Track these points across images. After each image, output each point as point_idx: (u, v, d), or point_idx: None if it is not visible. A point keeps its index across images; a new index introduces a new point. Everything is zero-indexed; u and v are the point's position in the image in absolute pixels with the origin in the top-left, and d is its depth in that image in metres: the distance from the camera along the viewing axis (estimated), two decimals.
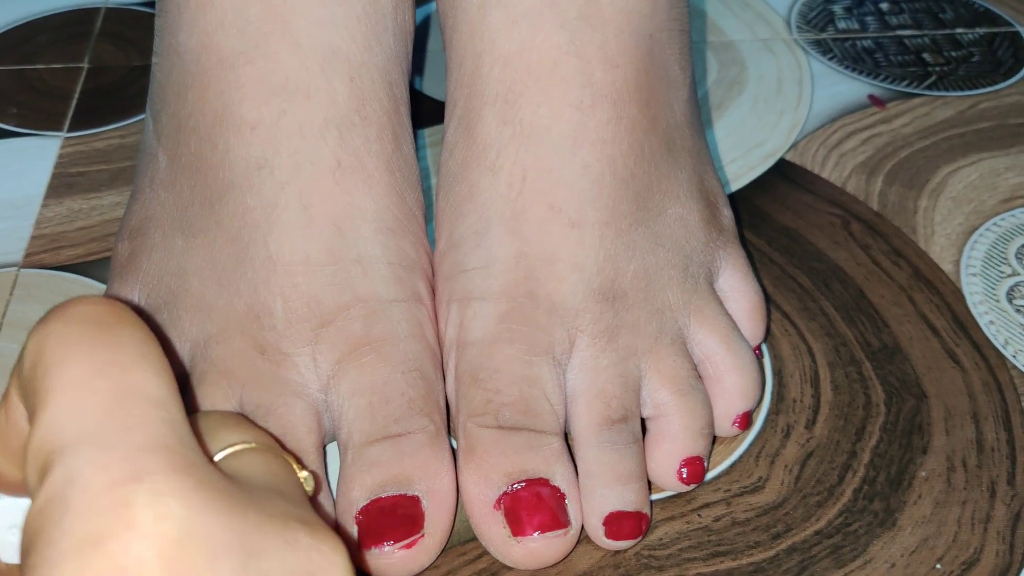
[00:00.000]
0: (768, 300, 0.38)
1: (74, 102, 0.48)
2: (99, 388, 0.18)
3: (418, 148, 0.44)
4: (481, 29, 0.32)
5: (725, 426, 0.32)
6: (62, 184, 0.43)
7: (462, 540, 0.31)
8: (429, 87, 0.49)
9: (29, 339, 0.19)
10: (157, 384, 0.18)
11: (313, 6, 0.31)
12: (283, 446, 0.27)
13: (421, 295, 0.32)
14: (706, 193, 0.34)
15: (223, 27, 0.31)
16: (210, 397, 0.30)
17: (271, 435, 0.25)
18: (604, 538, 0.29)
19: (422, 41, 0.51)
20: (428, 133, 0.46)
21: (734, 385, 0.32)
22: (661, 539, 0.31)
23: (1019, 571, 0.30)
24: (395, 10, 0.33)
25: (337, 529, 0.29)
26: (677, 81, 0.33)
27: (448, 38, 0.34)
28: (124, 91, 0.48)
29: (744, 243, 0.41)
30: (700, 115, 0.36)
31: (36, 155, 0.45)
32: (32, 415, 0.18)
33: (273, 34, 0.31)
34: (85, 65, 0.50)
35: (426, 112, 0.47)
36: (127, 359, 0.18)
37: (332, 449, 0.32)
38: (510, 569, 0.30)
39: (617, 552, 0.30)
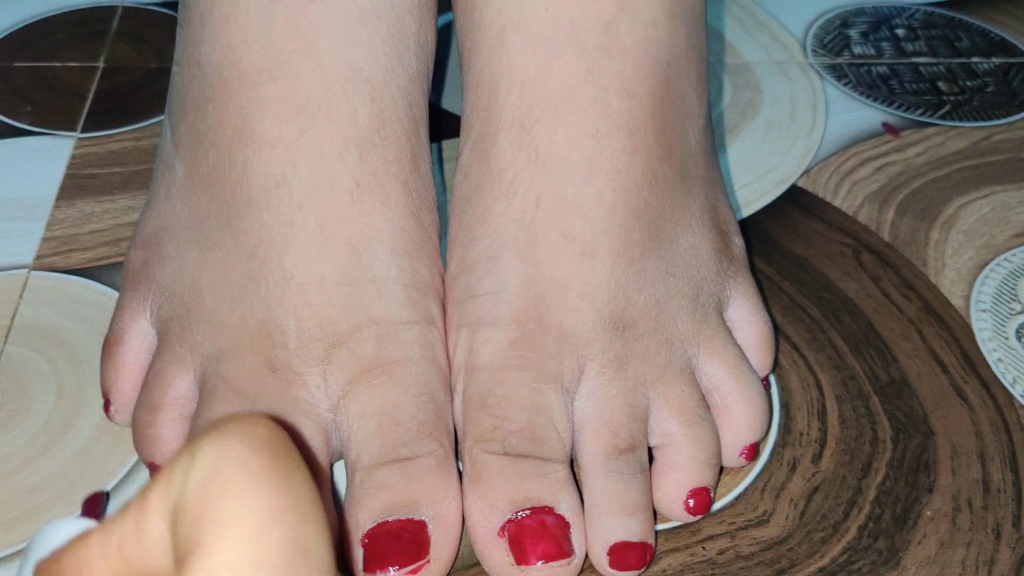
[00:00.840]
0: (777, 330, 0.38)
1: (89, 102, 0.48)
2: (275, 540, 0.16)
3: (433, 163, 0.44)
4: (499, 53, 0.32)
5: (732, 457, 0.32)
6: (75, 185, 0.43)
7: (466, 565, 0.31)
8: (447, 101, 0.49)
9: (197, 454, 0.17)
10: (324, 545, 0.16)
11: (337, 26, 0.31)
12: None
13: (434, 318, 0.32)
14: (718, 222, 0.34)
15: (246, 43, 0.31)
16: (220, 413, 0.30)
17: None
18: (608, 568, 0.29)
19: (442, 55, 0.51)
20: (445, 147, 0.46)
21: (742, 416, 0.32)
22: (665, 570, 0.31)
23: None
24: (418, 31, 0.33)
25: (343, 552, 0.29)
26: (693, 109, 0.33)
27: (466, 60, 0.34)
28: (140, 92, 0.48)
29: (754, 271, 0.41)
30: (715, 142, 0.36)
31: (49, 155, 0.45)
32: (191, 547, 0.16)
33: (296, 52, 0.31)
34: (101, 64, 0.50)
35: (444, 126, 0.47)
36: (303, 507, 0.16)
37: (339, 468, 0.32)
38: None
39: None
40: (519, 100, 0.31)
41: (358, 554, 0.29)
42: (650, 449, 0.32)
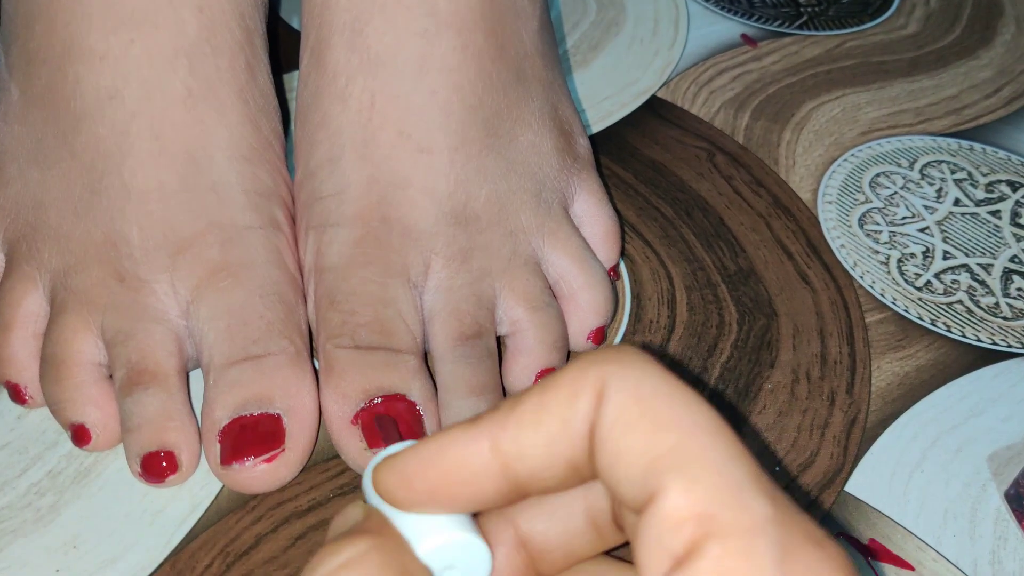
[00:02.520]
0: (626, 226, 0.40)
1: None
2: (739, 452, 0.16)
3: (291, 91, 0.45)
4: None
5: (580, 341, 0.34)
6: None
7: (325, 457, 0.32)
8: None
9: (609, 383, 0.17)
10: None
11: None
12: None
13: (279, 222, 0.33)
14: (560, 122, 0.35)
15: None
16: (71, 325, 0.31)
17: None
18: None
19: None
20: None
21: (587, 302, 0.33)
22: None
23: (851, 471, 0.33)
24: None
25: (202, 449, 0.30)
26: (526, 11, 0.34)
27: None
28: None
29: (610, 175, 0.42)
30: (555, 47, 0.37)
31: None
32: (651, 472, 0.16)
33: None
34: None
35: None
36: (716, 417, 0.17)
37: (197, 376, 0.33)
38: None
39: None
40: (349, 3, 0.32)
41: (215, 450, 0.30)
42: (502, 339, 0.33)
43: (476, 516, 0.20)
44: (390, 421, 0.30)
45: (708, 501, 0.15)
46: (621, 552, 0.21)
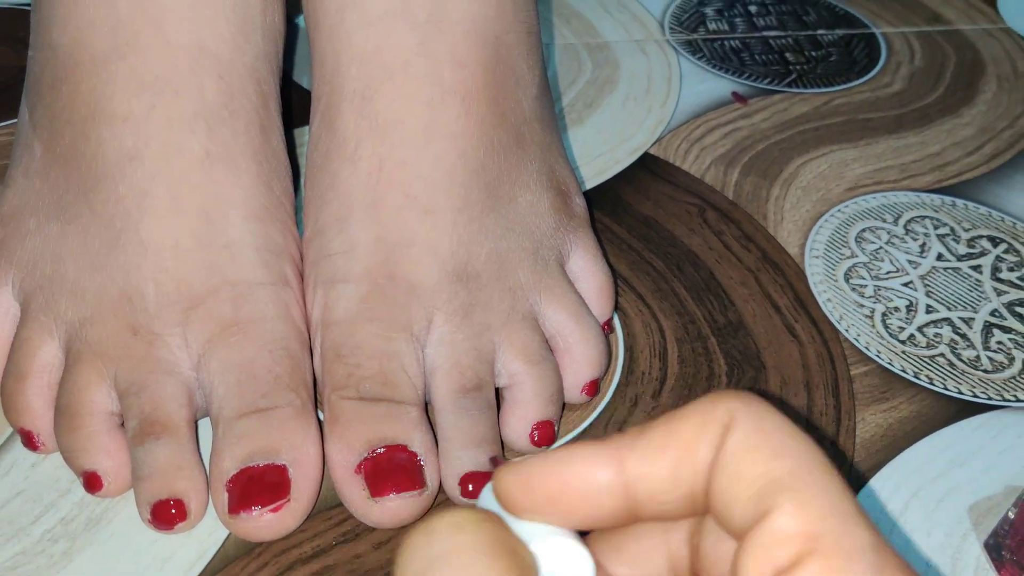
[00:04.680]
0: (619, 280, 0.41)
1: None
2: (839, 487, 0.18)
3: (301, 145, 0.46)
4: (339, 30, 0.34)
5: (575, 394, 0.35)
6: None
7: (329, 506, 0.33)
8: None
9: (736, 419, 0.18)
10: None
11: (181, 6, 0.33)
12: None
13: (288, 279, 0.34)
14: (557, 183, 0.37)
15: (94, 24, 0.33)
16: (85, 376, 0.32)
17: None
18: (460, 497, 0.32)
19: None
20: None
21: (582, 355, 0.35)
22: None
23: None
24: (263, 12, 0.35)
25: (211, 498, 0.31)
26: (525, 79, 0.36)
27: (312, 38, 0.36)
28: (15, 90, 0.50)
29: (604, 230, 0.44)
30: (552, 111, 0.39)
31: None
32: (763, 497, 0.17)
33: (143, 32, 0.33)
34: None
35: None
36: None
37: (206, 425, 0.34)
38: (373, 529, 0.32)
39: None
40: (359, 73, 0.34)
41: (223, 499, 0.31)
42: (500, 392, 0.35)
43: None
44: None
45: (816, 523, 0.17)
46: None
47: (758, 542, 0.17)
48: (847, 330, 0.40)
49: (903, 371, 0.39)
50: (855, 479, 0.35)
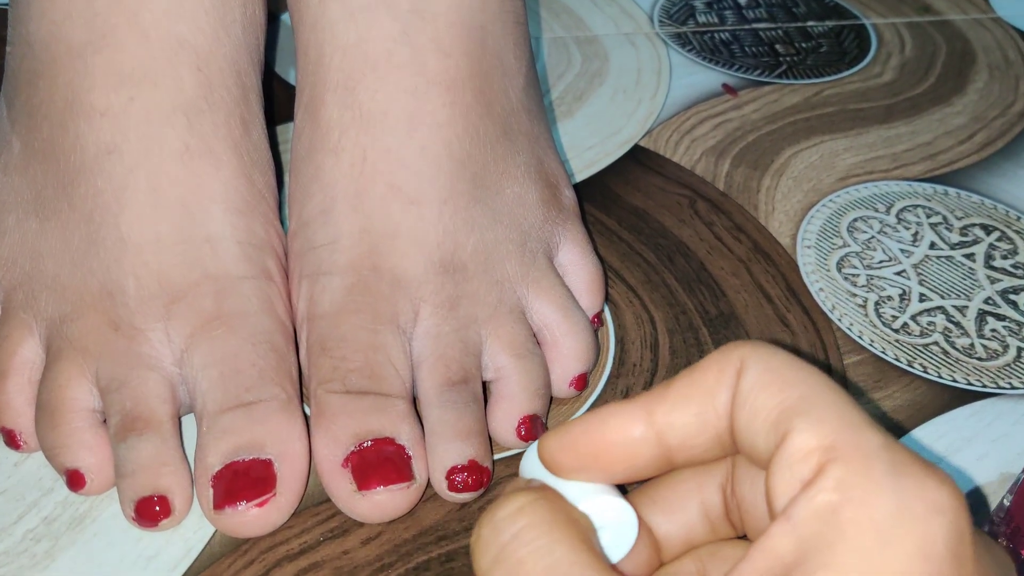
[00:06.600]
0: (610, 272, 0.41)
1: None
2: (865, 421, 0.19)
3: (286, 142, 0.46)
4: (322, 21, 0.34)
5: (563, 388, 0.35)
6: None
7: (316, 502, 0.33)
8: None
9: (747, 363, 0.20)
10: None
11: None
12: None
13: (271, 272, 0.34)
14: (545, 174, 0.37)
15: (71, 17, 0.32)
16: (66, 372, 0.31)
17: None
18: (447, 491, 0.31)
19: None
20: None
21: (569, 349, 0.34)
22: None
23: None
24: (244, 4, 0.35)
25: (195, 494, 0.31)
26: (512, 69, 0.35)
27: (295, 29, 0.36)
28: None
29: (594, 222, 0.43)
30: (541, 102, 0.39)
31: None
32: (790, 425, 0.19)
33: (120, 25, 0.32)
34: None
35: None
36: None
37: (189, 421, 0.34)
38: (361, 525, 0.32)
39: (463, 506, 0.32)
40: (342, 63, 0.33)
41: (208, 495, 0.30)
42: (487, 385, 0.34)
43: None
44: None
45: (831, 435, 0.19)
46: None
47: (782, 463, 0.19)
48: (840, 319, 0.40)
49: (896, 360, 0.39)
50: None
